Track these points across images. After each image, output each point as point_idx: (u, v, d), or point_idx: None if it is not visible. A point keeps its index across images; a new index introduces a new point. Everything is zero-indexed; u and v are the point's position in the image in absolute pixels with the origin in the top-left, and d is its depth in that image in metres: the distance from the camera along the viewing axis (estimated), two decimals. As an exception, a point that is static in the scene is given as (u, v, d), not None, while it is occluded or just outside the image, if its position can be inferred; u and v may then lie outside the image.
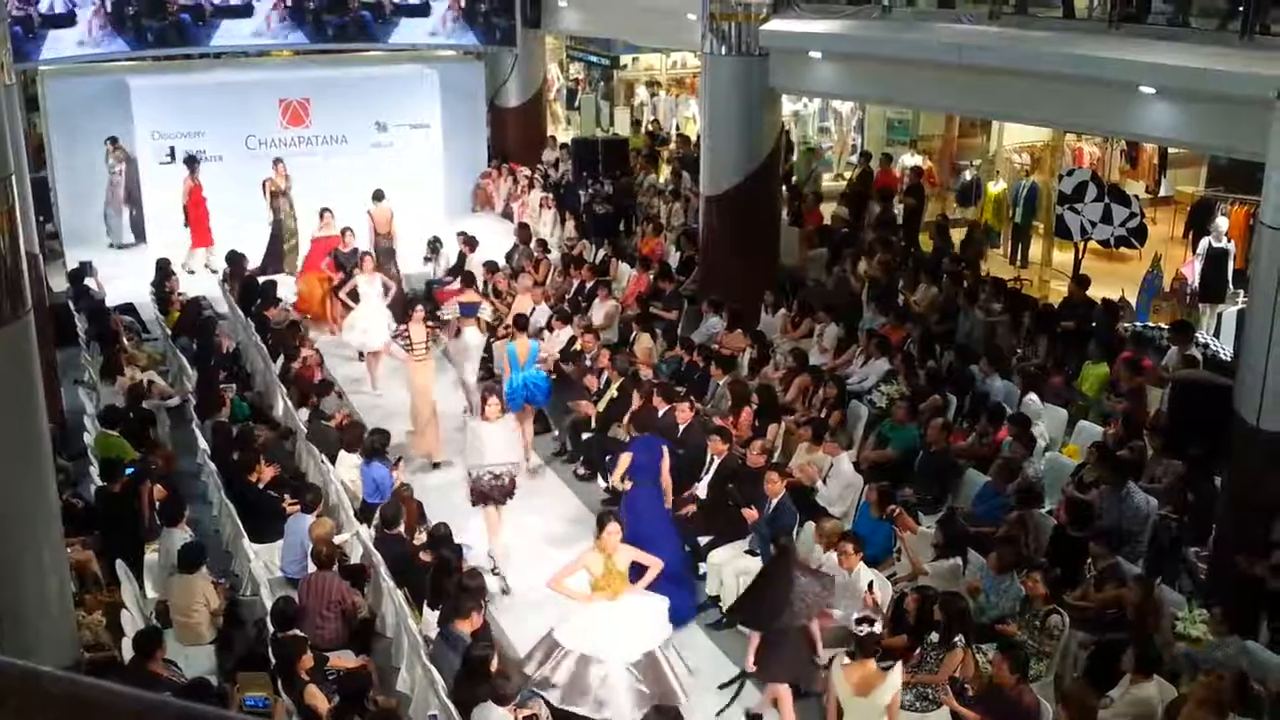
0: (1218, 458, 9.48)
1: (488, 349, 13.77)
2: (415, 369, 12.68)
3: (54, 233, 19.14)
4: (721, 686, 9.02)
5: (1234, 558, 8.76)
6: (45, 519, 6.97)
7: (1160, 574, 9.20)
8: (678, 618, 9.07)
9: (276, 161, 18.25)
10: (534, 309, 15.10)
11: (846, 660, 7.52)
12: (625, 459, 10.37)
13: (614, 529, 8.51)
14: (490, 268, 16.54)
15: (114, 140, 19.17)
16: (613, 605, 8.38)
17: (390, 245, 16.96)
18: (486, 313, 14.40)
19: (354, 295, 14.89)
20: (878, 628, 7.76)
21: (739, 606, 9.21)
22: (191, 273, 17.96)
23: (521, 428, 11.73)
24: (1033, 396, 11.65)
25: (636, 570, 8.72)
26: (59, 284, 16.74)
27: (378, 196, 17.18)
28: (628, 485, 10.27)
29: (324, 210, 17.17)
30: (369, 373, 14.82)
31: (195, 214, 18.42)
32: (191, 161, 18.57)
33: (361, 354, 15.11)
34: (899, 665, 7.58)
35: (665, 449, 10.43)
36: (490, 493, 10.52)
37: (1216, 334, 14.04)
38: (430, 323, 12.93)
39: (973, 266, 15.44)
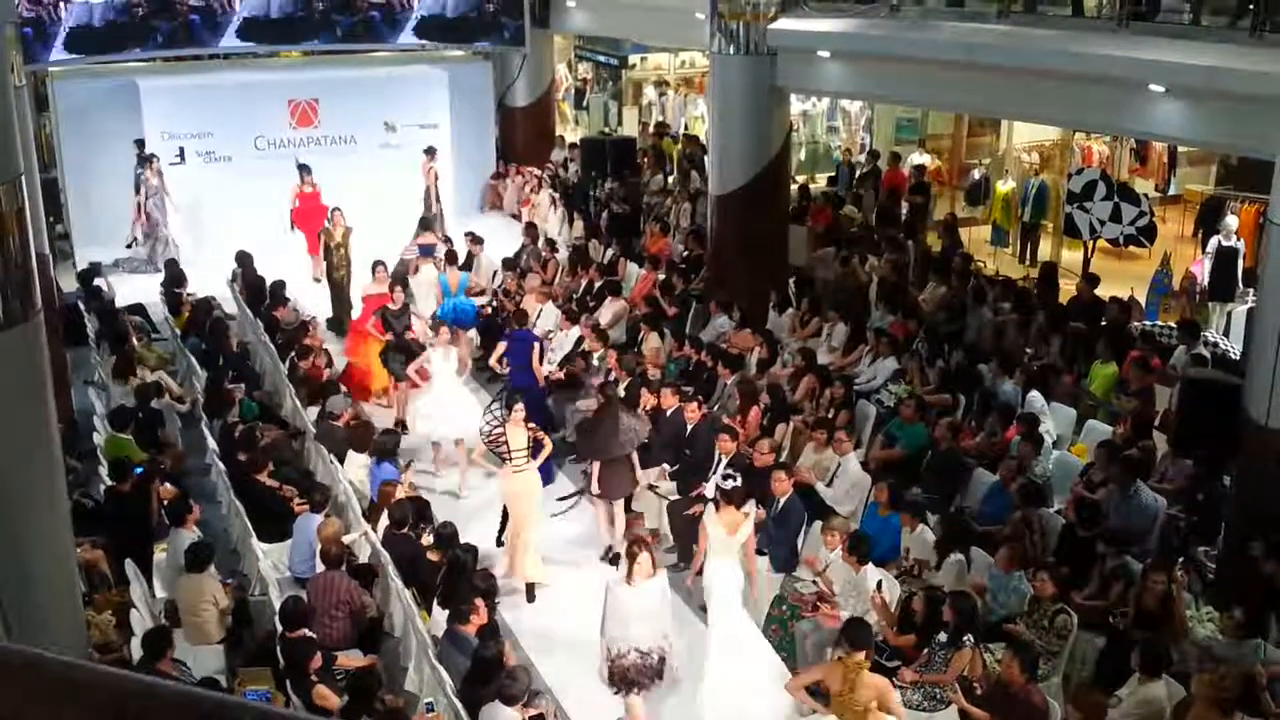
0: (1227, 457, 9.45)
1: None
2: (512, 480, 10.46)
3: (64, 233, 19.22)
4: (561, 499, 10.80)
5: (1248, 543, 8.72)
6: (55, 519, 7.00)
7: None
8: (547, 468, 11.20)
9: (334, 211, 16.67)
10: (541, 309, 15.13)
11: (714, 510, 8.94)
12: (500, 346, 13.05)
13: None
14: (507, 265, 16.64)
15: (147, 154, 18.72)
16: None
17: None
18: (442, 252, 16.08)
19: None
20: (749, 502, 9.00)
21: (580, 445, 11.32)
22: (317, 280, 17.33)
23: (459, 347, 13.17)
24: (1035, 394, 11.62)
25: (537, 446, 10.46)
26: (69, 284, 16.81)
27: (430, 152, 18.36)
28: (506, 369, 12.81)
29: (377, 264, 15.06)
30: (433, 458, 12.52)
31: (304, 223, 17.93)
32: (304, 169, 18.16)
33: (402, 425, 13.26)
34: (753, 508, 9.04)
35: (537, 343, 12.96)
36: (636, 676, 8.41)
37: (1226, 333, 14.01)
38: (533, 424, 10.60)
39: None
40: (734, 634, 8.55)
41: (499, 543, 10.81)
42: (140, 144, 18.80)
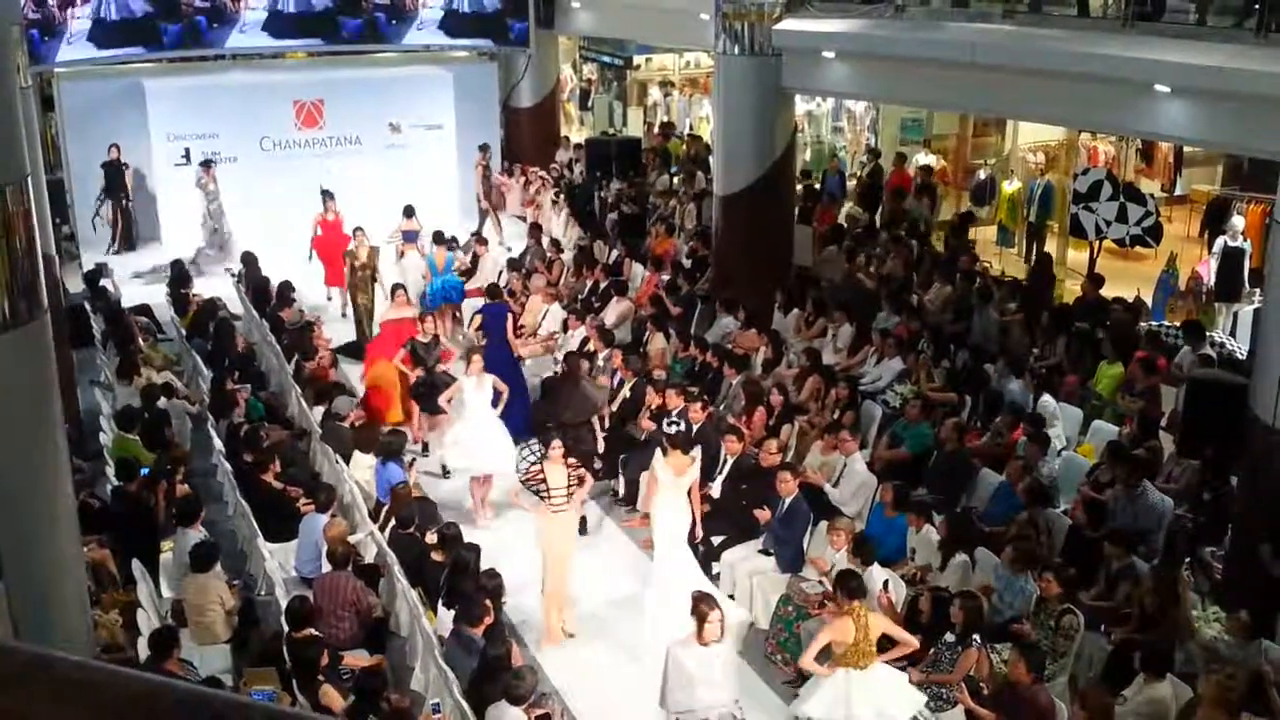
0: (1233, 457, 9.44)
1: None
2: (549, 522, 9.68)
3: (70, 234, 19.25)
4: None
5: (1255, 543, 8.71)
6: (62, 519, 7.00)
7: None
8: (515, 432, 11.42)
9: (357, 230, 16.05)
10: (546, 310, 15.14)
11: (662, 455, 9.60)
12: (478, 319, 13.48)
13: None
14: (512, 266, 16.66)
15: (208, 163, 18.65)
16: (863, 675, 7.67)
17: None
18: (426, 239, 16.60)
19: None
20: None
21: (542, 409, 12.13)
22: (345, 316, 16.41)
23: (444, 325, 13.67)
24: (1048, 399, 11.60)
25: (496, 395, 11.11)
26: (75, 285, 16.84)
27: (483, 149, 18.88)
28: (483, 341, 13.07)
29: (397, 287, 14.41)
30: (474, 500, 11.72)
31: (325, 252, 17.01)
32: (327, 195, 17.42)
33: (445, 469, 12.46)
34: (698, 452, 9.84)
35: (509, 314, 13.62)
36: None
37: (1232, 333, 13.98)
38: (572, 461, 9.92)
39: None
40: (678, 568, 9.26)
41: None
42: (206, 163, 18.77)
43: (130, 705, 1.31)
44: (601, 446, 11.89)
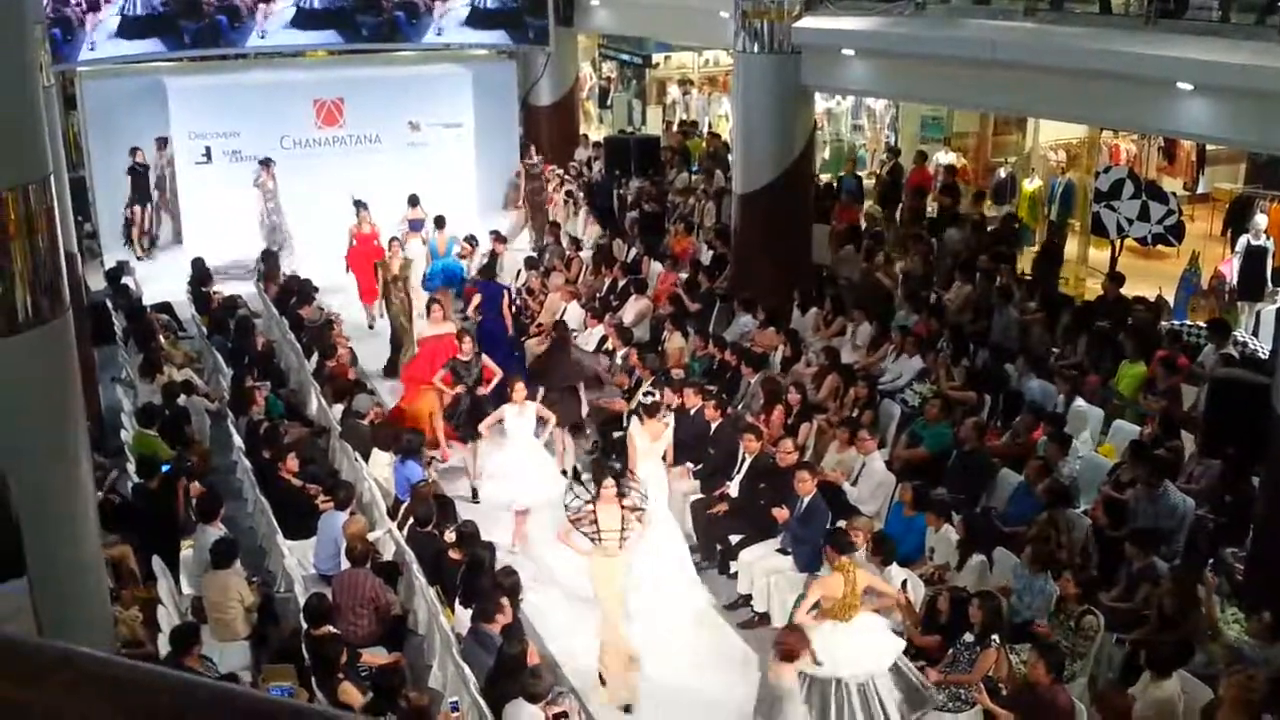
0: (1255, 457, 9.36)
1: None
2: (602, 567, 8.86)
3: (92, 232, 19.35)
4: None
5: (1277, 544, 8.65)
6: (83, 515, 7.05)
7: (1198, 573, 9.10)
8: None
9: (393, 241, 15.84)
10: (565, 308, 15.15)
11: (639, 423, 10.51)
12: (476, 298, 14.29)
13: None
14: (530, 264, 16.67)
15: (267, 162, 18.60)
16: (846, 626, 8.04)
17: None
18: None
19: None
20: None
21: (535, 372, 12.70)
22: (371, 327, 16.29)
23: (446, 305, 13.93)
24: (1080, 402, 11.51)
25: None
26: (97, 283, 16.94)
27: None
28: (479, 316, 14.01)
29: (433, 302, 13.83)
30: (516, 531, 10.99)
31: (359, 265, 16.52)
32: (360, 206, 17.03)
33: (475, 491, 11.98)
34: (671, 419, 10.87)
35: (505, 291, 14.56)
36: None
37: (1255, 332, 13.90)
38: (627, 500, 8.96)
39: (1007, 260, 15.15)
40: (654, 524, 9.48)
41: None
42: (266, 161, 18.72)
43: (161, 702, 1.32)
44: (586, 409, 12.77)
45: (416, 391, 12.67)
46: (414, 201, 17.97)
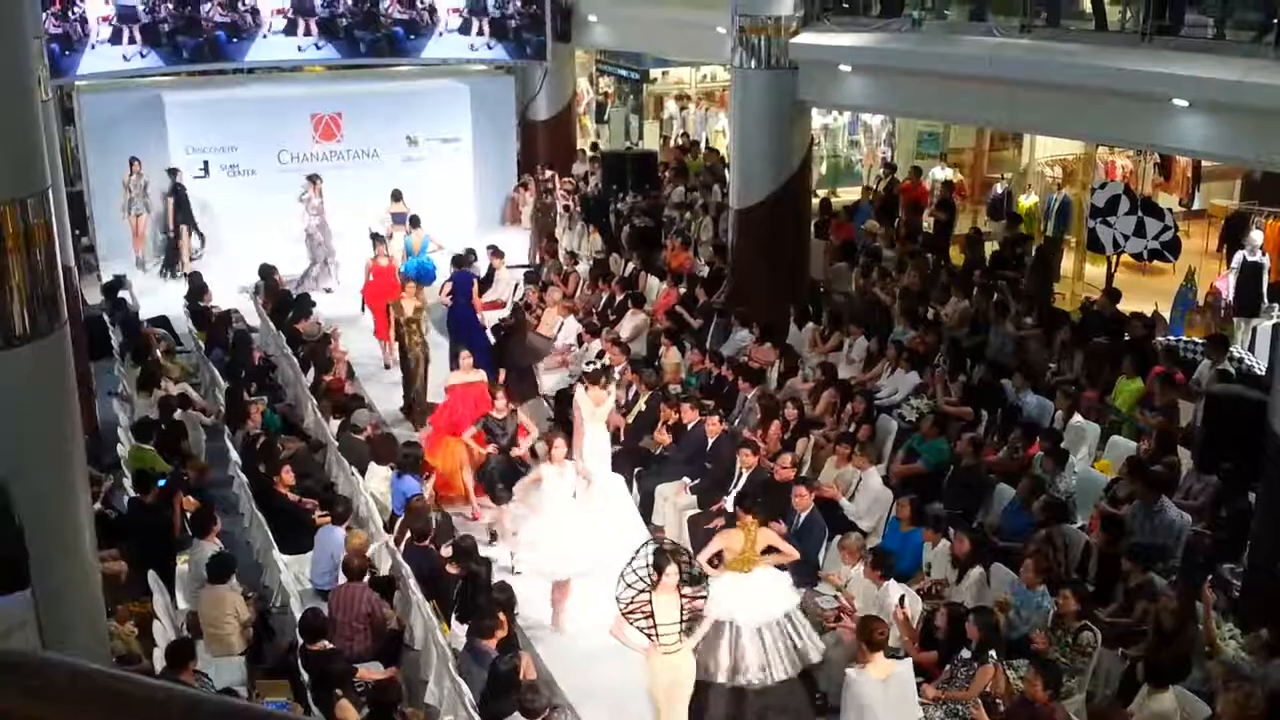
0: (1252, 473, 9.37)
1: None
2: (660, 665, 7.92)
3: (89, 246, 19.35)
4: None
5: (1275, 562, 8.64)
6: (78, 529, 7.03)
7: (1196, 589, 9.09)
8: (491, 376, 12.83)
9: (406, 280, 14.85)
10: (562, 322, 15.15)
11: (584, 390, 11.16)
12: (447, 286, 14.74)
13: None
14: (528, 279, 16.65)
15: (314, 178, 18.23)
16: (745, 577, 8.70)
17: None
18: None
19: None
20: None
21: (493, 355, 13.87)
22: (387, 368, 15.34)
23: (421, 296, 14.06)
24: (1080, 420, 11.52)
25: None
26: (94, 297, 16.93)
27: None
28: (449, 301, 14.52)
29: (457, 346, 13.49)
30: (555, 607, 9.98)
31: (375, 301, 15.55)
32: (377, 239, 16.49)
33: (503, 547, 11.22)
34: (613, 386, 11.64)
35: (475, 280, 15.07)
36: None
37: (1251, 348, 13.90)
38: (686, 591, 7.92)
39: (1009, 279, 15.04)
40: (600, 482, 10.47)
41: None
42: (313, 177, 18.40)
43: (165, 716, 1.32)
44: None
45: (440, 441, 12.10)
46: (397, 196, 18.30)
